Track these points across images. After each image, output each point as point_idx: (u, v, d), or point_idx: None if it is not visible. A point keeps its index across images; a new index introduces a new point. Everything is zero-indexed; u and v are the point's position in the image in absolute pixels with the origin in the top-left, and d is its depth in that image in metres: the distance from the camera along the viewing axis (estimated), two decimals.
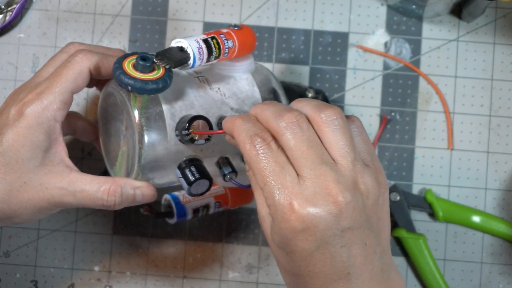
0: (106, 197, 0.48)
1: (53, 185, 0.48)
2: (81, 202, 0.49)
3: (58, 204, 0.49)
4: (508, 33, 0.66)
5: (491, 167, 0.66)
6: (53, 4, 0.67)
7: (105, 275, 0.65)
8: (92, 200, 0.48)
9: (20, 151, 0.47)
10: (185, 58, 0.48)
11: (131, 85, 0.46)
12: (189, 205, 0.57)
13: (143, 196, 0.50)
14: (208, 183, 0.50)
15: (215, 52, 0.50)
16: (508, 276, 0.65)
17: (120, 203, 0.49)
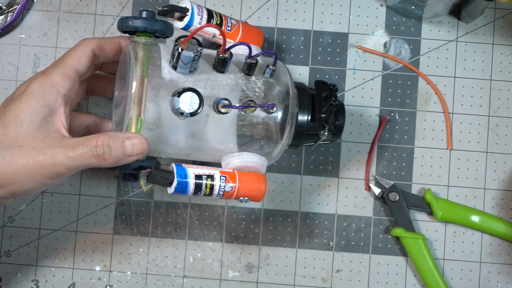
0: (95, 148, 0.49)
1: (46, 147, 0.49)
2: (73, 160, 0.49)
3: (51, 167, 0.49)
4: (507, 33, 0.67)
5: (490, 167, 0.66)
6: (54, 5, 0.67)
7: (106, 275, 0.66)
8: (83, 154, 0.49)
9: (19, 116, 0.49)
10: (183, 8, 0.55)
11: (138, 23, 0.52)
12: (191, 170, 0.53)
13: (133, 146, 0.50)
14: (199, 98, 0.51)
15: (216, 18, 0.56)
16: (506, 276, 0.65)
17: (110, 155, 0.50)
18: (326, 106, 0.57)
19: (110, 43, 0.55)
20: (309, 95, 0.58)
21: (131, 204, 0.66)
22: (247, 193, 0.55)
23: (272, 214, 0.66)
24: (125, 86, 0.54)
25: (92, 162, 0.49)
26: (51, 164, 0.49)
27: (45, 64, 0.67)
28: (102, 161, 0.50)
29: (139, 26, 0.53)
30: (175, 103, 0.50)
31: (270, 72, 0.55)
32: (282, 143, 0.56)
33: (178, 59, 0.51)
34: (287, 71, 0.57)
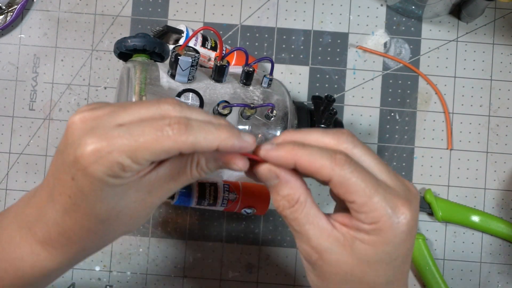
0: (196, 176, 0.43)
1: (145, 196, 0.42)
2: (178, 189, 0.43)
3: (159, 202, 0.44)
4: (507, 33, 0.67)
5: (490, 167, 0.66)
6: (54, 5, 0.67)
7: (106, 275, 0.66)
8: (187, 182, 0.43)
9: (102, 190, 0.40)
10: (179, 30, 0.56)
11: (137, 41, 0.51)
12: None
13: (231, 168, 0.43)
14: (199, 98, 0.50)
15: (210, 42, 0.58)
16: (507, 276, 0.65)
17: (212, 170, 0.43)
18: (324, 117, 0.57)
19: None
20: (307, 111, 0.58)
21: None
22: (251, 203, 0.54)
23: (272, 214, 0.66)
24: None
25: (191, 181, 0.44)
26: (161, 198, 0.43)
27: (45, 64, 0.67)
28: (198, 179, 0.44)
29: (138, 44, 0.52)
30: None
31: (267, 82, 0.55)
32: None
33: (176, 65, 0.51)
34: (282, 86, 0.58)
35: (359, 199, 0.39)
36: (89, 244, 0.43)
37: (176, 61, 0.50)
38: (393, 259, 0.41)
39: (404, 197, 0.40)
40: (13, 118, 0.67)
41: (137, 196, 0.41)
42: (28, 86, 0.67)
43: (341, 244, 0.41)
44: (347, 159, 0.40)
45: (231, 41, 0.67)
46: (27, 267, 0.43)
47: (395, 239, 0.40)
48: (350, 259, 0.41)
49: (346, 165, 0.39)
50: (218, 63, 0.52)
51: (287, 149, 0.40)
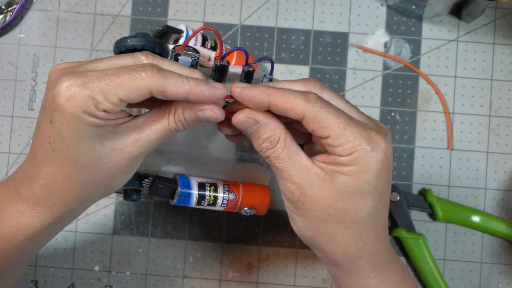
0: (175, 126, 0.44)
1: (126, 143, 0.44)
2: (156, 142, 0.45)
3: (138, 156, 0.45)
4: (508, 33, 0.66)
5: (490, 167, 0.66)
6: (53, 4, 0.67)
7: (105, 275, 0.65)
8: (165, 135, 0.45)
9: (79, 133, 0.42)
10: (178, 30, 0.56)
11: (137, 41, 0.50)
12: (194, 178, 0.53)
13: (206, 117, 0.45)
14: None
15: (210, 42, 0.57)
16: (507, 276, 0.65)
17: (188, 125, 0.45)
18: None
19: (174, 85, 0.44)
20: None
21: (130, 204, 0.66)
22: (252, 203, 0.55)
23: (272, 214, 0.65)
24: None
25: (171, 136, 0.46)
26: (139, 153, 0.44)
27: (45, 64, 0.67)
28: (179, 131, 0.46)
29: (137, 44, 0.53)
30: None
31: (267, 81, 0.55)
32: None
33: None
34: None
35: (333, 132, 0.42)
36: (71, 199, 0.44)
37: (176, 61, 0.50)
38: (372, 188, 0.43)
39: (376, 130, 0.43)
40: (12, 118, 0.67)
41: (115, 144, 0.43)
42: (27, 86, 0.67)
43: (321, 178, 0.43)
44: (319, 97, 0.42)
45: (231, 41, 0.67)
46: (11, 226, 0.45)
47: (372, 167, 0.42)
48: (331, 192, 0.43)
49: (318, 102, 0.42)
50: (218, 63, 0.52)
51: (262, 89, 0.43)
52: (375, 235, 0.45)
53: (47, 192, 0.44)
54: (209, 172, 0.56)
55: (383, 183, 0.43)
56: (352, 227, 0.44)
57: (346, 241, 0.44)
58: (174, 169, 0.56)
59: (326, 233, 0.44)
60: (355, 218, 0.44)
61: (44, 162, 0.43)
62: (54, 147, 0.42)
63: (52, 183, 0.43)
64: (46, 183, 0.43)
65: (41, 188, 0.44)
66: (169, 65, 0.44)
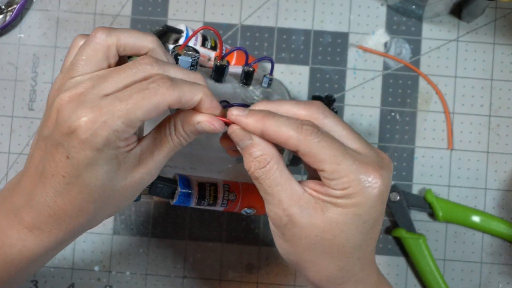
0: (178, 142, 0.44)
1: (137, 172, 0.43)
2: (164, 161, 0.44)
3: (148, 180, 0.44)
4: (508, 33, 0.66)
5: (490, 167, 0.66)
6: (53, 4, 0.67)
7: (105, 275, 0.65)
8: (171, 153, 0.44)
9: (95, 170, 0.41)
10: (178, 30, 0.56)
11: None
12: (194, 178, 0.52)
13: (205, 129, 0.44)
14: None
15: (210, 42, 0.57)
16: (507, 276, 0.65)
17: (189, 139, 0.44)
18: None
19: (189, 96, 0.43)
20: None
21: (130, 204, 0.65)
22: (252, 203, 0.54)
23: None
24: None
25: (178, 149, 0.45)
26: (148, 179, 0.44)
27: (44, 64, 0.67)
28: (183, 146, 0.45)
29: None
30: None
31: (267, 82, 0.55)
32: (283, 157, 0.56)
33: None
34: (282, 85, 0.58)
35: (328, 166, 0.41)
36: (78, 225, 0.44)
37: (176, 61, 0.50)
38: (362, 222, 0.42)
39: (375, 163, 0.42)
40: (12, 118, 0.67)
41: (127, 175, 0.42)
42: (27, 86, 0.67)
43: (312, 207, 0.42)
44: (314, 129, 0.41)
45: (231, 41, 0.67)
46: (15, 253, 0.44)
47: (366, 202, 0.41)
48: (320, 222, 0.42)
49: (312, 135, 0.41)
50: (218, 63, 0.52)
51: (257, 118, 0.42)
52: (361, 264, 0.44)
53: (54, 221, 0.43)
54: (209, 172, 0.56)
55: (375, 216, 0.42)
56: (337, 257, 0.43)
57: (330, 269, 0.44)
58: (174, 169, 0.56)
59: (311, 261, 0.44)
60: (341, 249, 0.43)
61: (55, 194, 0.42)
62: (68, 181, 0.41)
63: (62, 213, 0.42)
64: (55, 213, 0.42)
65: (48, 217, 0.43)
66: (175, 71, 0.42)
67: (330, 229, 0.42)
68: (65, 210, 0.42)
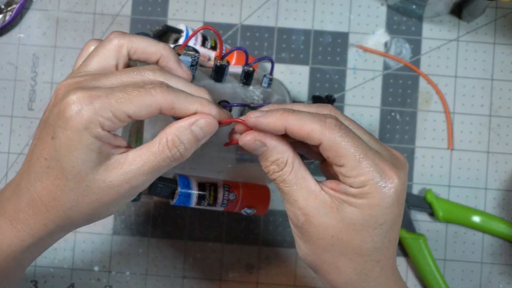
0: (170, 153, 0.43)
1: (115, 176, 0.43)
2: (149, 174, 0.44)
3: (128, 190, 0.44)
4: (508, 33, 0.66)
5: (491, 167, 0.66)
6: (53, 4, 0.67)
7: (105, 275, 0.65)
8: (159, 164, 0.44)
9: (74, 155, 0.42)
10: (178, 29, 0.56)
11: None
12: (194, 178, 0.52)
13: (202, 129, 0.43)
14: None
15: (210, 42, 0.58)
16: (508, 276, 0.65)
17: (185, 150, 0.44)
18: None
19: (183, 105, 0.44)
20: None
21: (130, 204, 0.65)
22: (252, 204, 0.54)
23: (272, 214, 0.65)
24: None
25: (169, 165, 0.44)
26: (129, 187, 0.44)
27: (44, 63, 0.67)
28: (181, 160, 0.45)
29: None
30: None
31: (267, 81, 0.55)
32: None
33: None
34: (282, 85, 0.58)
35: (348, 162, 0.40)
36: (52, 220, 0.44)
37: None
38: (379, 224, 0.41)
39: (392, 163, 0.41)
40: (12, 118, 0.67)
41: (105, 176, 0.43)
42: (27, 86, 0.67)
43: (328, 206, 0.42)
44: (337, 123, 0.41)
45: (231, 41, 0.67)
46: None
47: (382, 203, 0.41)
48: (337, 222, 0.42)
49: (336, 129, 0.40)
50: (218, 63, 0.52)
51: (277, 115, 0.41)
52: (379, 269, 0.43)
53: (31, 210, 0.43)
54: (209, 172, 0.56)
55: (392, 218, 0.42)
56: (355, 260, 0.43)
57: (348, 272, 0.43)
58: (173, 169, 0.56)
59: (329, 262, 0.43)
60: (359, 251, 0.42)
61: (35, 178, 0.42)
62: (49, 164, 0.42)
63: (38, 201, 0.43)
64: (32, 200, 0.43)
65: (26, 205, 0.43)
66: (177, 82, 0.43)
67: (346, 230, 0.42)
68: (41, 196, 0.43)
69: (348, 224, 0.41)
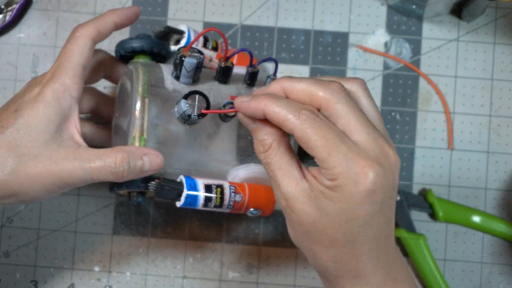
0: (114, 165, 0.48)
1: (62, 158, 0.48)
2: (90, 175, 0.48)
3: (67, 178, 0.48)
4: (508, 33, 0.66)
5: (491, 167, 0.66)
6: (53, 4, 0.67)
7: (105, 275, 0.65)
8: (101, 170, 0.48)
9: (33, 125, 0.48)
10: (180, 30, 0.56)
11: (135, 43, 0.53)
12: (200, 180, 0.52)
13: (151, 163, 0.49)
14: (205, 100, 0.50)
15: (211, 43, 0.58)
16: (508, 276, 0.65)
17: (128, 172, 0.49)
18: None
19: (105, 23, 0.53)
20: None
21: (130, 203, 0.65)
22: (257, 204, 0.54)
23: (272, 214, 0.65)
24: (125, 108, 0.54)
25: (108, 178, 0.49)
26: (67, 176, 0.48)
27: (44, 63, 0.67)
28: (119, 178, 0.49)
29: (136, 46, 0.54)
30: (182, 106, 0.49)
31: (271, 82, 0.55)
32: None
33: (181, 67, 0.51)
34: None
35: (318, 154, 0.41)
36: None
37: (181, 62, 0.50)
38: (350, 218, 0.42)
39: (372, 158, 0.41)
40: None
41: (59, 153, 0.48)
42: None
43: (307, 195, 0.42)
44: (311, 115, 0.41)
45: (231, 41, 0.67)
46: None
47: (352, 198, 0.41)
48: (313, 211, 0.42)
49: (307, 121, 0.41)
50: (223, 64, 0.52)
51: (259, 101, 0.43)
52: (356, 261, 0.43)
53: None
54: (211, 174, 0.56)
55: (364, 215, 0.42)
56: (330, 249, 0.43)
57: (325, 260, 0.44)
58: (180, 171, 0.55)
59: (308, 248, 0.44)
60: (332, 241, 0.43)
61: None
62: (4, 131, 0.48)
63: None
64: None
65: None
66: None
67: (320, 219, 0.42)
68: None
69: (322, 214, 0.42)
